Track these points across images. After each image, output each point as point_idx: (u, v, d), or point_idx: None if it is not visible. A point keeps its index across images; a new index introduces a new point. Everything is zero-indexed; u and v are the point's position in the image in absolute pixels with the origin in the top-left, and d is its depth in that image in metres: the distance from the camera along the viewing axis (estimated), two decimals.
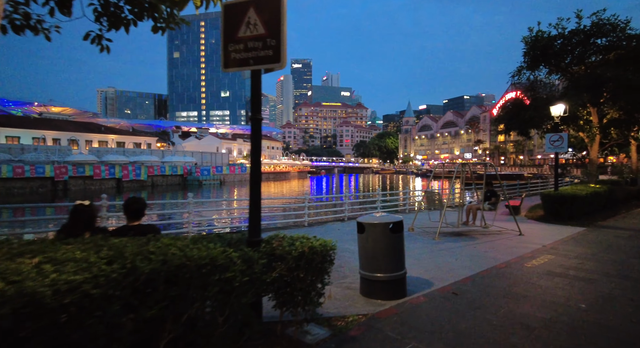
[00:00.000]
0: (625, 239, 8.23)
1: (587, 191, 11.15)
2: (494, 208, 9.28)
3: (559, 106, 11.22)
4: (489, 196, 9.33)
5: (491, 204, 9.28)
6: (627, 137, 15.30)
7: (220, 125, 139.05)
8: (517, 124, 14.29)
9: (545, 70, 15.04)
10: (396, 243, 4.27)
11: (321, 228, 10.28)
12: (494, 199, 9.25)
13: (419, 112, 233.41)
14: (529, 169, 64.98)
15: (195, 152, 74.60)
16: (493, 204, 9.26)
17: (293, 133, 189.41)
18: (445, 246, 7.48)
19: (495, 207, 9.29)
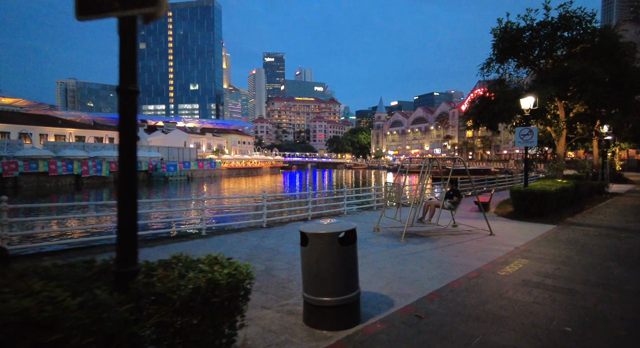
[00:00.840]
0: (596, 238, 7.84)
1: (556, 187, 10.84)
2: (454, 207, 8.62)
3: (529, 99, 10.83)
4: (451, 195, 8.71)
5: (452, 203, 8.63)
6: (591, 132, 15.37)
7: (189, 119, 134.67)
8: (487, 118, 13.94)
9: (514, 63, 14.77)
10: (348, 257, 3.42)
11: (280, 229, 9.36)
12: (456, 198, 8.62)
13: (390, 108, 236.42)
14: (496, 164, 66.81)
15: (161, 147, 71.62)
16: (454, 204, 8.61)
17: (265, 127, 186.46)
18: (411, 249, 6.76)
19: (456, 207, 8.63)
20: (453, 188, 8.85)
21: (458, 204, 8.62)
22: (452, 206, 8.59)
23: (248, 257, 6.25)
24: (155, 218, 15.91)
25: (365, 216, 11.49)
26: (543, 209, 10.44)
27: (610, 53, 12.44)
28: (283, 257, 6.23)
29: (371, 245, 7.18)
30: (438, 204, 8.50)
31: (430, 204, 8.64)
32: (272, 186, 47.56)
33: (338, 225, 3.44)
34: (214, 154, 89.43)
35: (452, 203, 8.62)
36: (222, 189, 44.53)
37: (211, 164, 73.25)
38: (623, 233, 8.40)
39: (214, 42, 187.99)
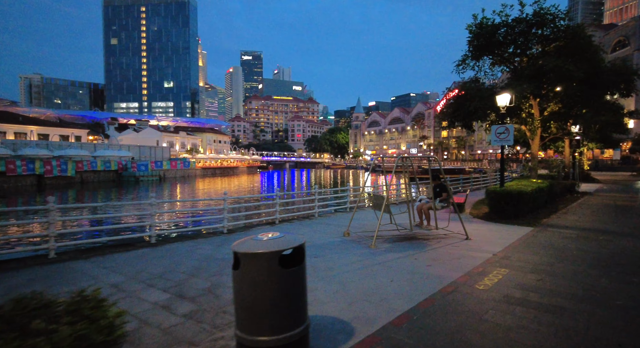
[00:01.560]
0: (575, 241, 7.45)
1: (532, 188, 10.52)
2: (446, 204, 8.11)
3: (505, 96, 10.46)
4: (438, 192, 8.14)
5: (443, 200, 8.10)
6: (564, 131, 15.34)
7: (162, 117, 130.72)
8: (462, 116, 13.58)
9: (490, 61, 14.49)
10: (292, 282, 2.68)
11: (242, 235, 8.53)
12: (445, 194, 8.07)
13: (368, 108, 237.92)
14: (470, 164, 67.96)
15: (132, 146, 68.94)
16: (445, 201, 8.08)
17: (243, 126, 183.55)
18: (381, 258, 6.10)
19: (448, 203, 8.11)
20: (438, 184, 8.26)
21: (449, 199, 8.07)
22: (444, 203, 8.05)
23: (194, 271, 5.41)
24: (99, 223, 14.65)
25: (338, 219, 10.82)
26: (519, 211, 10.09)
27: (583, 51, 12.32)
28: None
29: (338, 253, 6.48)
30: (430, 206, 7.92)
31: (423, 207, 8.05)
32: (247, 187, 46.37)
33: (281, 240, 2.69)
34: (188, 153, 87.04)
35: (443, 201, 8.07)
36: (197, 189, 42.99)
37: (185, 164, 71.18)
38: (600, 235, 8.07)
39: (189, 39, 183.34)
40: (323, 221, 10.60)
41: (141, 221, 12.17)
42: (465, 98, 13.53)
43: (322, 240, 7.71)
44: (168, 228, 13.72)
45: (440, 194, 8.07)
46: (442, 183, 8.21)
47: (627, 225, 9.49)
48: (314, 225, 9.89)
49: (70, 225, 14.42)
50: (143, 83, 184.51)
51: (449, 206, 8.02)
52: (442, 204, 7.95)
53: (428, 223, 7.98)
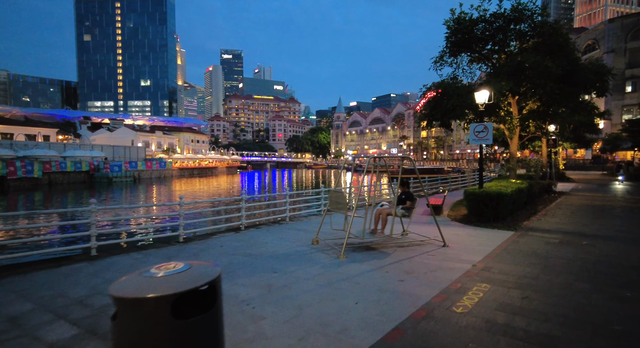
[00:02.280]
0: (558, 247, 6.95)
1: (511, 189, 10.07)
2: (407, 214, 7.41)
3: (483, 93, 9.97)
4: (403, 199, 7.48)
5: (405, 209, 7.41)
6: (542, 130, 15.13)
7: (138, 116, 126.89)
8: (439, 115, 13.10)
9: (468, 58, 14.07)
10: (194, 340, 1.88)
11: (199, 244, 7.65)
12: (409, 203, 7.40)
13: (349, 108, 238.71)
14: (449, 164, 68.62)
15: (105, 146, 66.40)
16: (407, 210, 7.40)
17: (222, 126, 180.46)
18: (350, 271, 5.39)
19: (410, 213, 7.42)
20: (405, 191, 7.62)
21: (412, 210, 7.40)
22: (406, 212, 7.37)
23: None
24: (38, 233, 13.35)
25: (310, 224, 10.06)
26: (499, 213, 9.61)
27: (560, 48, 12.04)
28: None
29: (301, 266, 5.73)
30: (390, 213, 7.23)
31: (382, 212, 7.35)
32: (224, 188, 45.06)
33: (182, 277, 1.90)
34: (164, 153, 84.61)
35: (406, 209, 7.39)
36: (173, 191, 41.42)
37: (161, 164, 69.03)
38: (583, 239, 7.63)
39: (167, 37, 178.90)
40: (294, 226, 9.83)
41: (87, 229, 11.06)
42: (442, 96, 13.04)
43: (286, 250, 6.95)
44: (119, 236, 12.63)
45: (404, 202, 7.42)
46: (409, 191, 7.58)
47: (607, 227, 9.14)
48: (283, 231, 9.11)
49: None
50: (119, 81, 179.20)
51: (410, 216, 7.36)
52: (403, 212, 7.29)
53: (382, 230, 7.26)
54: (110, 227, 14.50)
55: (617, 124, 50.14)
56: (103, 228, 14.28)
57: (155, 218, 15.48)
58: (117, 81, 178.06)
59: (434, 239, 7.52)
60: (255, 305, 4.09)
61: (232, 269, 5.62)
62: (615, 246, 7.00)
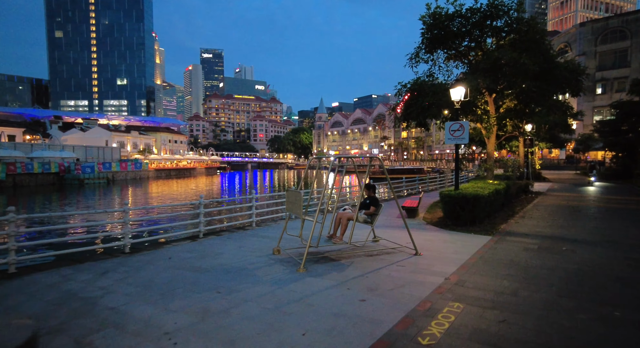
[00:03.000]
0: (537, 254, 6.45)
1: (489, 190, 9.60)
2: (370, 220, 6.73)
3: (459, 89, 9.47)
4: (367, 204, 6.82)
5: (369, 215, 6.76)
6: (520, 129, 14.89)
7: (114, 116, 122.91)
8: (415, 113, 12.60)
9: (444, 55, 13.63)
10: None
11: (147, 255, 6.78)
12: (374, 208, 6.77)
13: (331, 109, 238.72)
14: (428, 164, 69.09)
15: (77, 146, 63.84)
16: (371, 216, 6.76)
17: (202, 126, 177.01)
18: (305, 289, 4.68)
19: (373, 219, 6.73)
20: (371, 196, 6.96)
21: (376, 216, 6.75)
22: (369, 218, 6.71)
23: (18, 326, 3.67)
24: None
25: (278, 230, 9.29)
26: (476, 216, 9.12)
27: (537, 44, 11.73)
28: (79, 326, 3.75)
29: (252, 283, 4.98)
30: (351, 217, 6.55)
31: (342, 217, 6.66)
32: (201, 189, 43.66)
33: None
34: (140, 154, 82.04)
35: (369, 215, 6.73)
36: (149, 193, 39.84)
37: (136, 165, 66.79)
38: (562, 244, 7.18)
39: (144, 35, 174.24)
40: (259, 232, 9.06)
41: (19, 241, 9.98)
42: (418, 94, 12.55)
43: (242, 261, 6.18)
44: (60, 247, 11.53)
45: (368, 207, 6.77)
46: (375, 196, 6.93)
47: (585, 229, 8.77)
48: (245, 238, 8.32)
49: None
50: (93, 80, 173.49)
51: (373, 223, 6.71)
52: (365, 217, 6.64)
53: (340, 237, 6.58)
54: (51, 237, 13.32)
55: (588, 125, 51.50)
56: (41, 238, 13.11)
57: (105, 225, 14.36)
58: (92, 80, 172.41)
59: (406, 246, 6.90)
60: (178, 340, 3.32)
61: (170, 288, 4.82)
62: (595, 251, 6.56)
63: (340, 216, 6.64)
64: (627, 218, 10.65)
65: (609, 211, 11.85)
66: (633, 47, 52.74)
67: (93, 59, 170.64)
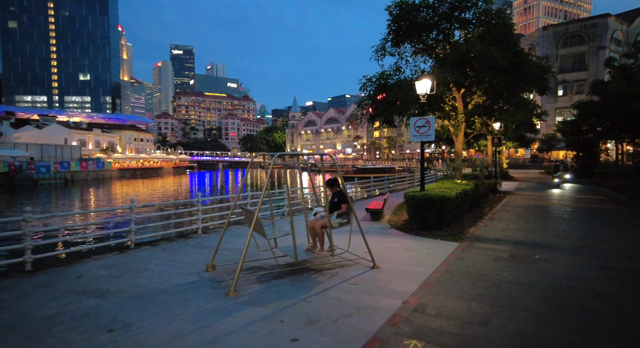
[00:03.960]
0: (508, 265, 5.73)
1: (456, 191, 8.91)
2: (346, 221, 5.83)
3: (425, 82, 8.72)
4: (336, 203, 5.88)
5: (342, 215, 5.83)
6: (488, 127, 14.48)
7: (75, 113, 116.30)
8: (381, 110, 11.82)
9: (412, 49, 12.93)
10: None
11: (52, 274, 5.53)
12: (345, 206, 5.85)
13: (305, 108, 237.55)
14: (400, 163, 69.50)
15: (32, 144, 59.65)
16: (344, 215, 5.85)
17: (171, 124, 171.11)
18: (227, 324, 3.65)
19: (349, 217, 5.83)
20: (337, 192, 5.97)
21: (351, 213, 5.77)
22: (344, 219, 5.76)
23: None
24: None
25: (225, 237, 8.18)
26: (442, 219, 8.39)
27: (506, 38, 11.24)
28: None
29: (163, 313, 3.89)
30: (324, 224, 5.59)
31: (315, 226, 5.68)
32: (166, 191, 41.53)
33: None
34: (103, 152, 77.86)
35: (341, 216, 5.77)
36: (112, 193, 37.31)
37: (98, 165, 63.19)
38: (534, 251, 6.52)
39: (109, 28, 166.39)
40: (202, 241, 7.91)
41: None
42: (383, 89, 11.76)
43: (165, 282, 5.06)
44: None
45: (338, 206, 5.84)
46: (341, 190, 5.96)
47: (556, 233, 8.23)
48: (183, 249, 7.18)
49: None
50: (53, 74, 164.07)
51: (349, 223, 5.82)
52: (340, 220, 5.71)
53: (321, 247, 5.70)
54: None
55: (551, 125, 53.27)
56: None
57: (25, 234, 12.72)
58: (51, 74, 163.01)
59: (363, 257, 6.00)
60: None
61: (47, 326, 3.65)
62: (570, 260, 5.92)
63: (313, 225, 5.65)
64: (595, 219, 10.31)
65: (575, 212, 11.53)
66: (590, 51, 55.05)
67: (52, 53, 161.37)
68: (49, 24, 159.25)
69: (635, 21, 58.11)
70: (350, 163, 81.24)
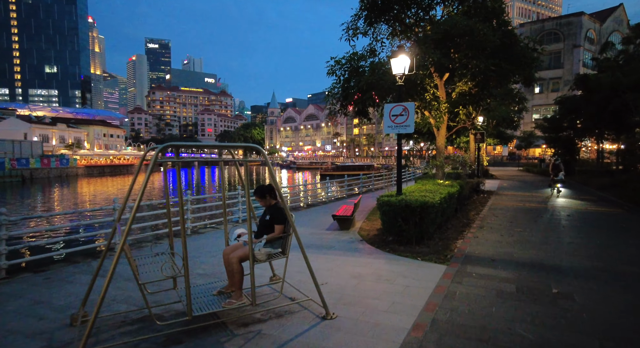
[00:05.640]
0: (518, 306, 4.05)
1: (440, 196, 7.20)
2: (279, 251, 3.95)
3: (402, 59, 6.97)
4: (268, 223, 4.03)
5: (272, 241, 3.91)
6: (473, 119, 12.99)
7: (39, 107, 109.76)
8: (352, 97, 10.05)
9: (389, 30, 11.18)
10: None
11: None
12: (280, 228, 3.93)
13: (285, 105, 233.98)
14: (379, 161, 68.37)
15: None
16: (278, 242, 3.98)
17: (144, 119, 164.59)
18: None
19: (285, 247, 3.96)
20: (270, 205, 4.10)
21: (288, 239, 3.92)
22: (275, 248, 3.87)
23: None
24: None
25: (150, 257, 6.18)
26: (424, 231, 6.68)
27: (496, 15, 9.67)
28: None
29: None
30: (244, 256, 3.69)
31: (230, 258, 3.75)
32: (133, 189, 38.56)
33: None
34: (68, 149, 73.19)
35: (274, 242, 3.88)
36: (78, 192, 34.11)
37: (62, 162, 59.07)
38: (548, 279, 4.89)
39: (78, 19, 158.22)
40: (109, 264, 5.88)
41: None
42: (355, 73, 9.99)
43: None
44: None
45: (270, 227, 3.95)
46: (277, 204, 4.04)
47: (562, 247, 6.68)
48: (72, 277, 5.19)
49: None
50: (15, 66, 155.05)
51: (285, 253, 3.94)
52: (270, 249, 3.80)
53: (237, 291, 3.70)
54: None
55: (528, 123, 53.21)
56: None
57: None
58: (13, 66, 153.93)
59: (312, 298, 4.13)
60: None
61: None
62: (601, 296, 4.28)
63: (228, 257, 3.73)
64: (597, 226, 8.87)
65: (572, 216, 10.12)
66: (565, 49, 55.27)
67: (14, 42, 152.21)
68: (10, 11, 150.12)
69: (607, 21, 58.85)
70: (330, 160, 79.70)
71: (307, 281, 4.48)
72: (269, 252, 3.75)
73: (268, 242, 3.77)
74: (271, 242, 3.82)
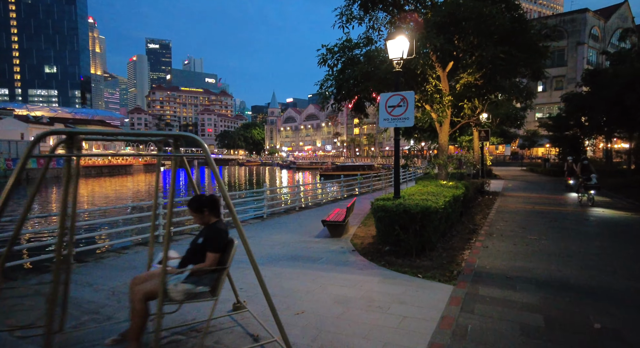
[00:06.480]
0: (548, 345, 3.07)
1: (444, 199, 6.21)
2: (208, 290, 2.83)
3: (400, 41, 6.01)
4: (198, 248, 2.91)
5: (199, 275, 2.81)
6: (479, 114, 12.02)
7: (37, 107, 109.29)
8: (346, 91, 9.10)
9: (387, 18, 10.21)
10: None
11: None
12: (212, 257, 2.80)
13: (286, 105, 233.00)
14: (379, 161, 67.41)
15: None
16: (205, 278, 2.82)
17: (144, 119, 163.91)
18: None
19: (218, 283, 2.87)
20: (209, 224, 3.07)
21: (222, 275, 2.89)
22: (205, 286, 2.82)
23: None
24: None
25: (111, 271, 5.26)
26: (426, 240, 5.71)
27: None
28: None
29: None
30: (152, 293, 2.68)
31: (137, 292, 2.74)
32: (129, 191, 37.73)
33: None
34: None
35: (202, 280, 2.81)
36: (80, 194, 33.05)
37: (58, 162, 58.16)
38: (583, 306, 3.92)
39: (78, 19, 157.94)
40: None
41: None
42: (349, 62, 9.03)
43: None
44: None
45: (201, 255, 2.83)
46: (215, 226, 2.98)
47: (590, 259, 5.70)
48: None
49: None
50: (15, 66, 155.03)
51: (216, 293, 2.79)
52: (189, 287, 2.68)
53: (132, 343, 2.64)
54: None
55: (531, 122, 52.13)
56: None
57: None
58: (13, 66, 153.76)
59: (276, 339, 3.17)
60: None
61: None
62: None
63: (135, 289, 2.70)
64: (624, 231, 7.88)
65: (589, 221, 9.13)
66: (569, 47, 54.10)
67: (14, 43, 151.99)
68: (9, 11, 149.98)
69: (612, 18, 57.62)
70: (330, 161, 78.83)
71: (280, 308, 3.51)
72: (190, 290, 2.67)
73: (193, 275, 2.74)
74: (198, 276, 2.76)
